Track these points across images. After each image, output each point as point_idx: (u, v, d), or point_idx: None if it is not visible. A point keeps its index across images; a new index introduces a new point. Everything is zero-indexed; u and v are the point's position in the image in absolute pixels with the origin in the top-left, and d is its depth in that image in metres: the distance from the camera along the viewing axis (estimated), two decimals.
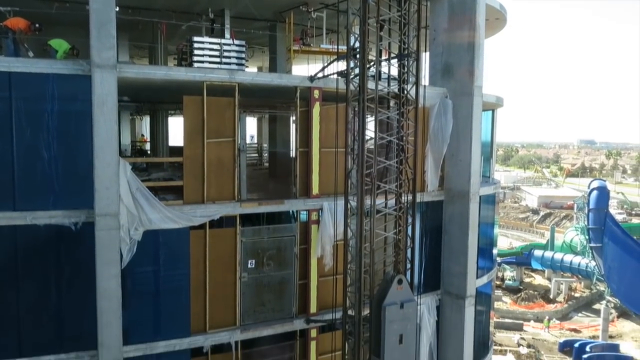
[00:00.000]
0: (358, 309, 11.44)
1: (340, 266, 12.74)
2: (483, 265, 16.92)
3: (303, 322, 13.12)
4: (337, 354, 13.06)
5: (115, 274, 10.74)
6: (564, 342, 51.23)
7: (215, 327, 12.26)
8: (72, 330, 11.16)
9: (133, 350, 11.35)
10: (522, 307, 62.08)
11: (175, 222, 11.43)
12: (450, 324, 15.58)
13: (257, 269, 12.68)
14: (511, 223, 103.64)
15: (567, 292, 65.12)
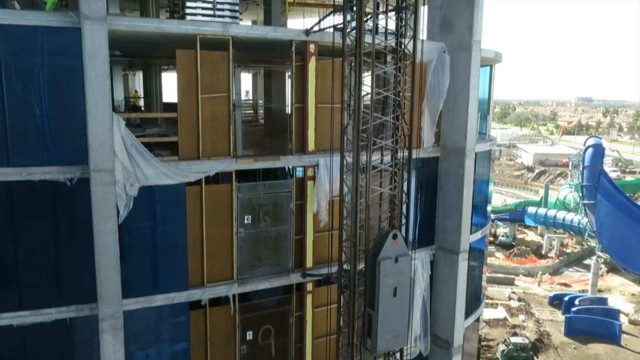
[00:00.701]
0: (353, 263, 11.63)
1: (336, 222, 12.89)
2: (477, 221, 17.11)
3: (299, 276, 13.34)
4: (333, 307, 13.39)
5: (112, 229, 10.81)
6: (554, 296, 52.57)
7: (213, 281, 12.46)
8: (71, 284, 11.31)
9: (132, 304, 11.56)
10: (514, 263, 63.36)
11: (171, 178, 11.42)
12: (443, 278, 15.89)
13: (253, 224, 12.78)
14: (506, 180, 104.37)
15: (559, 248, 66.34)
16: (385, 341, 11.67)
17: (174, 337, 12.44)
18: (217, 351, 12.80)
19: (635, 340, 44.09)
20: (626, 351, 42.51)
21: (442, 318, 16.06)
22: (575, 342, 43.61)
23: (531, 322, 46.32)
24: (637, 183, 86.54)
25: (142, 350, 12.14)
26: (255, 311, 13.17)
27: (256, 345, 13.28)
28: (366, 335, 11.87)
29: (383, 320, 11.51)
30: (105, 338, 11.17)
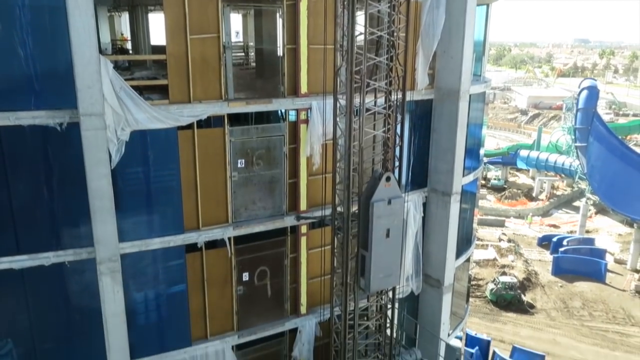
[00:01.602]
0: (347, 205, 11.76)
1: (329, 165, 12.92)
2: (469, 165, 17.20)
3: (293, 219, 13.50)
4: (327, 249, 13.63)
5: (105, 173, 10.78)
6: (543, 237, 53.80)
7: (208, 225, 12.59)
8: (68, 228, 11.39)
9: (129, 247, 11.72)
10: (505, 205, 64.36)
11: (162, 122, 11.29)
12: (435, 219, 16.15)
13: (246, 168, 12.79)
14: (499, 124, 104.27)
15: (550, 190, 67.26)
16: (378, 280, 11.99)
17: (171, 279, 12.69)
18: (214, 292, 13.11)
19: (619, 279, 45.60)
20: (610, 288, 44.05)
21: (433, 258, 16.45)
22: (562, 281, 45.06)
23: (520, 262, 47.62)
24: (630, 125, 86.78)
25: (141, 291, 12.40)
26: (250, 253, 13.40)
27: (252, 286, 13.61)
28: (359, 275, 12.18)
29: (376, 260, 11.78)
30: (104, 280, 11.40)
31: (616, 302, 41.72)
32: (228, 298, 13.33)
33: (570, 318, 39.92)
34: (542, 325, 38.80)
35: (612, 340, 37.05)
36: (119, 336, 11.82)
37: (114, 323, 11.68)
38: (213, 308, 13.17)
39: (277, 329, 14.11)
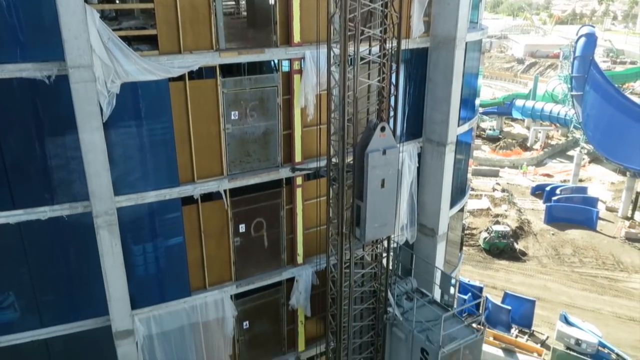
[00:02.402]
0: (342, 156, 11.75)
1: (324, 116, 12.82)
2: (465, 115, 17.10)
3: (288, 171, 13.50)
4: (322, 200, 13.73)
5: (97, 127, 10.66)
6: (536, 186, 54.34)
7: (204, 177, 12.59)
8: (62, 182, 11.37)
9: (125, 200, 11.74)
10: (499, 155, 64.60)
11: (153, 73, 11.07)
12: (430, 169, 16.20)
13: (240, 120, 12.66)
14: (495, 73, 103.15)
15: (544, 140, 67.38)
16: (373, 230, 12.16)
17: (168, 231, 12.80)
18: (211, 244, 13.27)
19: (610, 226, 46.43)
20: (601, 236, 44.92)
21: (428, 208, 16.62)
22: (554, 229, 45.86)
23: (513, 211, 48.29)
24: (627, 73, 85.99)
25: (139, 244, 12.54)
26: (246, 205, 13.48)
27: (249, 237, 13.76)
28: (355, 224, 12.33)
29: (371, 210, 11.90)
30: (102, 233, 11.49)
31: (606, 249, 42.64)
32: (225, 249, 13.50)
33: (561, 265, 40.89)
34: (533, 272, 39.78)
35: (601, 285, 38.12)
36: (119, 287, 12.04)
37: (114, 275, 11.87)
38: (211, 259, 13.37)
39: (274, 278, 14.39)
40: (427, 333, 12.88)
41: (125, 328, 12.46)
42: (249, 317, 14.58)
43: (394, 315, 13.50)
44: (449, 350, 12.50)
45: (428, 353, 12.69)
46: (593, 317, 33.75)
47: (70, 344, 12.63)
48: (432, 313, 13.37)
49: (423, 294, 14.37)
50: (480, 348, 13.49)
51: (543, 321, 33.37)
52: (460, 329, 13.09)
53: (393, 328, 13.67)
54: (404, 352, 13.48)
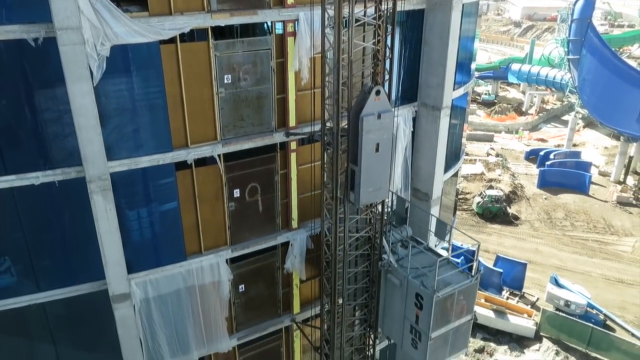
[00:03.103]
0: (336, 120, 11.66)
1: (318, 80, 12.66)
2: (460, 79, 16.93)
3: (283, 135, 13.42)
4: (317, 164, 13.70)
5: (87, 90, 10.49)
6: (530, 151, 54.49)
7: (197, 142, 12.49)
8: (54, 147, 11.26)
9: (118, 166, 11.67)
10: (494, 120, 64.43)
11: (143, 35, 10.82)
12: (425, 134, 16.15)
13: (233, 84, 12.48)
14: (492, 37, 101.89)
15: (539, 104, 67.12)
16: (367, 194, 12.18)
17: (163, 196, 12.78)
18: (206, 208, 13.28)
19: (602, 190, 46.87)
20: (593, 200, 45.41)
21: (422, 172, 16.65)
22: (547, 193, 46.28)
23: (507, 176, 48.56)
24: (624, 37, 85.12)
25: (133, 209, 12.53)
26: (240, 170, 13.44)
27: (244, 202, 13.78)
28: (349, 189, 12.34)
29: (365, 174, 11.90)
30: (96, 199, 11.46)
31: (597, 213, 43.17)
32: (220, 214, 13.54)
33: (552, 228, 41.44)
34: (525, 236, 40.34)
35: (591, 248, 38.77)
36: (115, 252, 12.10)
37: (109, 239, 11.91)
38: (206, 224, 13.41)
39: (269, 242, 14.49)
40: (421, 279, 12.93)
41: (122, 292, 12.59)
42: (245, 281, 14.76)
43: (388, 262, 13.57)
44: (443, 295, 12.56)
45: (423, 298, 12.75)
46: (583, 279, 34.47)
47: (68, 307, 12.77)
48: (426, 260, 13.45)
49: (418, 242, 14.40)
50: (475, 294, 13.57)
51: (534, 283, 34.07)
52: (455, 274, 13.17)
53: (388, 275, 13.75)
54: (398, 298, 13.58)
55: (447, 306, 12.98)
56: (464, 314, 13.48)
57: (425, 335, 12.99)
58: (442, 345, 13.47)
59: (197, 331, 14.15)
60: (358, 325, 14.98)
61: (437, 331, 13.05)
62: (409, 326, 13.50)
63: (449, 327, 13.29)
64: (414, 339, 13.43)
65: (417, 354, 13.52)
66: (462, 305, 13.25)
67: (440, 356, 13.68)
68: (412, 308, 13.17)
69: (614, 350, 27.86)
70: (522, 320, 30.38)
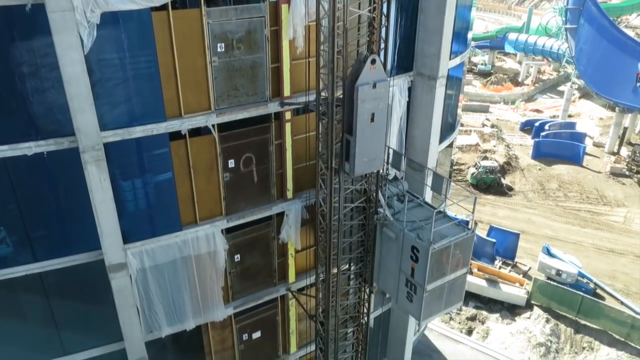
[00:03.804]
0: (331, 90, 11.56)
1: (313, 48, 12.48)
2: (456, 48, 16.76)
3: (277, 105, 13.31)
4: (312, 135, 13.64)
5: (78, 59, 10.32)
6: (525, 122, 54.46)
7: (191, 112, 12.38)
8: (46, 117, 11.13)
9: (111, 136, 11.57)
10: (490, 90, 64.13)
11: (134, 1, 10.55)
12: (420, 104, 16.06)
13: (227, 52, 12.30)
14: (489, 6, 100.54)
15: (536, 75, 66.76)
16: (362, 164, 12.19)
17: (157, 167, 12.73)
18: (201, 179, 13.27)
19: (596, 161, 47.10)
20: (586, 171, 45.66)
21: (417, 143, 16.62)
22: (541, 164, 46.47)
23: (502, 146, 48.63)
24: (623, 6, 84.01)
25: (128, 180, 12.49)
26: (235, 140, 13.36)
27: (238, 173, 13.76)
28: (344, 159, 12.34)
29: (360, 144, 11.88)
30: (90, 169, 11.41)
31: (591, 184, 43.46)
32: (215, 184, 13.53)
33: (546, 199, 41.76)
34: (519, 206, 40.66)
35: (583, 218, 39.17)
36: (110, 222, 12.13)
37: (104, 210, 11.92)
38: (201, 194, 13.42)
39: (264, 213, 14.54)
40: (417, 232, 12.85)
41: (118, 262, 12.67)
42: (241, 251, 14.87)
43: (384, 216, 13.50)
44: (439, 247, 12.48)
45: (418, 251, 12.68)
46: (574, 249, 34.93)
47: (65, 277, 12.86)
48: (423, 214, 13.37)
49: (414, 197, 14.32)
50: (471, 247, 13.49)
51: (526, 253, 34.51)
52: (451, 227, 13.09)
53: (383, 228, 13.71)
54: (394, 251, 13.54)
55: (443, 259, 12.87)
56: (460, 267, 13.37)
57: (421, 288, 12.93)
58: (437, 298, 13.44)
59: (194, 300, 14.32)
60: (353, 280, 15.11)
61: (432, 284, 12.96)
62: (404, 279, 13.45)
63: (444, 280, 13.22)
64: (409, 292, 13.40)
65: (412, 307, 13.52)
66: (457, 259, 13.12)
67: (435, 309, 13.68)
68: (408, 261, 13.10)
69: (602, 318, 28.45)
70: (514, 289, 30.89)
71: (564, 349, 28.20)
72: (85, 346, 13.93)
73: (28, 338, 13.41)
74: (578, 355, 27.81)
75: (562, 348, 28.22)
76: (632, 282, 32.35)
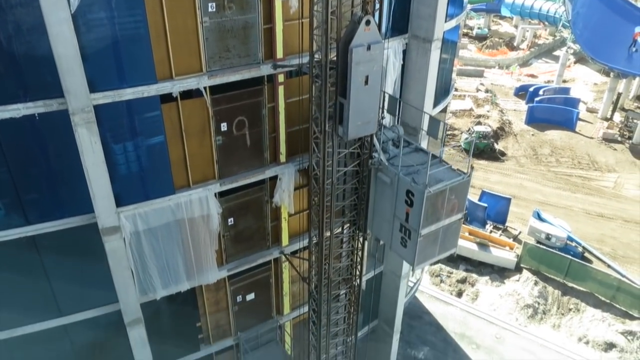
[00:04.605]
0: (325, 52, 11.38)
1: (307, 9, 12.19)
2: (452, 11, 16.47)
3: (270, 68, 13.10)
4: (305, 98, 13.50)
5: (65, 17, 10.03)
6: (520, 87, 54.19)
7: (182, 74, 12.16)
8: (34, 79, 10.92)
9: (101, 98, 11.39)
10: (485, 55, 63.49)
11: None
12: (415, 67, 15.88)
13: (218, 12, 12.00)
14: None
15: (531, 39, 66.04)
16: (356, 128, 12.12)
17: (149, 130, 12.58)
18: (193, 142, 13.16)
19: (589, 127, 47.21)
20: (579, 136, 45.83)
21: (411, 107, 16.50)
22: (534, 130, 46.54)
23: (495, 112, 48.52)
24: None
25: (119, 143, 12.37)
26: (227, 103, 13.21)
27: (231, 136, 13.66)
28: (338, 122, 12.26)
29: (354, 108, 11.78)
30: (80, 132, 11.27)
31: (583, 149, 43.70)
32: (208, 148, 13.44)
33: (538, 164, 42.01)
34: (511, 172, 40.91)
35: (574, 183, 39.55)
36: (102, 185, 12.08)
37: (96, 173, 11.85)
38: (193, 158, 13.34)
39: (257, 176, 14.52)
40: (412, 176, 12.61)
41: (111, 225, 12.68)
42: (234, 214, 14.92)
43: (379, 161, 13.28)
44: (435, 191, 12.21)
45: (413, 194, 12.42)
46: (564, 214, 35.39)
47: (59, 240, 12.87)
48: (418, 159, 13.14)
49: (409, 143, 14.08)
50: (466, 193, 13.18)
51: (517, 218, 34.93)
52: (447, 171, 12.84)
53: (378, 173, 13.46)
54: (388, 196, 13.31)
55: (438, 203, 12.61)
56: (455, 213, 13.12)
57: (415, 232, 12.72)
58: (432, 243, 13.24)
59: (188, 263, 14.45)
60: (345, 242, 15.32)
61: (427, 228, 12.74)
62: (398, 225, 13.25)
63: (439, 225, 13.00)
64: (404, 238, 13.19)
65: (406, 252, 13.35)
66: (453, 204, 12.89)
67: (429, 254, 13.52)
68: (403, 206, 12.85)
69: (589, 280, 29.09)
70: (504, 252, 31.40)
71: (550, 310, 28.92)
72: (81, 308, 14.11)
73: (24, 300, 13.54)
74: (564, 317, 28.56)
75: (549, 309, 28.94)
76: (620, 246, 32.96)
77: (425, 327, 27.82)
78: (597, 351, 26.68)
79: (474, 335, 27.56)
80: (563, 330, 27.95)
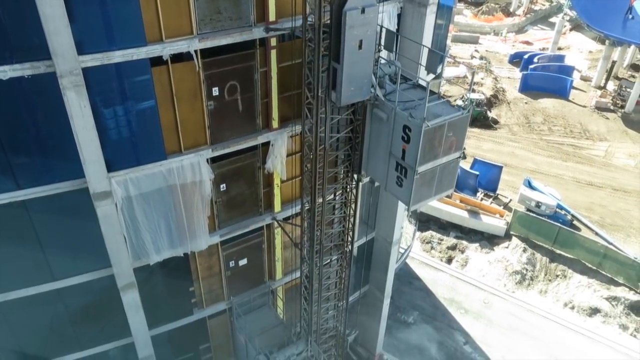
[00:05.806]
0: (318, 15, 11.16)
1: None
2: None
3: (262, 31, 12.84)
4: (297, 62, 13.29)
5: None
6: (514, 54, 53.75)
7: (172, 37, 11.89)
8: (20, 39, 10.64)
9: (90, 60, 11.14)
10: (481, 21, 62.69)
11: None
12: (409, 31, 15.63)
13: None
14: None
15: (527, 5, 65.18)
16: (349, 93, 11.99)
17: (139, 94, 12.38)
18: (184, 107, 12.99)
19: (582, 95, 47.12)
20: (572, 105, 45.79)
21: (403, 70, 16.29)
22: (528, 98, 46.40)
23: (490, 79, 48.21)
24: None
25: (109, 107, 12.18)
26: (219, 67, 12.98)
27: (223, 101, 13.49)
28: (331, 88, 12.12)
29: (347, 72, 11.62)
30: (69, 95, 11.08)
31: (575, 118, 43.73)
32: (199, 113, 13.28)
33: (530, 132, 42.06)
34: (503, 140, 40.97)
35: (565, 152, 39.73)
36: (92, 150, 11.96)
37: (86, 137, 11.71)
38: (185, 123, 13.19)
39: (249, 142, 14.43)
40: (410, 111, 12.00)
41: (102, 190, 12.62)
42: (226, 180, 14.88)
43: (375, 96, 12.64)
44: (432, 125, 11.61)
45: (410, 130, 11.87)
46: (555, 182, 35.67)
47: (50, 205, 12.82)
48: (416, 95, 12.63)
49: (407, 79, 13.52)
50: (465, 129, 12.54)
51: (508, 186, 35.18)
52: (445, 106, 12.24)
53: (374, 109, 12.86)
54: (384, 133, 12.78)
55: (436, 140, 12.05)
56: (453, 151, 12.56)
57: (412, 169, 12.21)
58: (428, 183, 12.73)
59: (180, 228, 14.47)
60: (337, 209, 15.40)
61: (423, 166, 12.20)
62: (394, 163, 12.73)
63: (436, 164, 12.44)
64: (399, 177, 12.68)
65: (402, 192, 12.83)
66: (451, 141, 12.35)
67: (425, 194, 13.04)
68: (399, 143, 12.31)
69: (577, 248, 29.57)
70: (494, 220, 31.75)
71: (538, 276, 29.47)
72: (74, 272, 14.17)
73: (16, 265, 13.56)
74: (551, 283, 29.14)
75: (536, 276, 29.49)
76: (608, 214, 33.40)
77: (415, 293, 28.32)
78: (582, 316, 27.37)
79: (462, 300, 28.11)
80: (550, 296, 28.56)
